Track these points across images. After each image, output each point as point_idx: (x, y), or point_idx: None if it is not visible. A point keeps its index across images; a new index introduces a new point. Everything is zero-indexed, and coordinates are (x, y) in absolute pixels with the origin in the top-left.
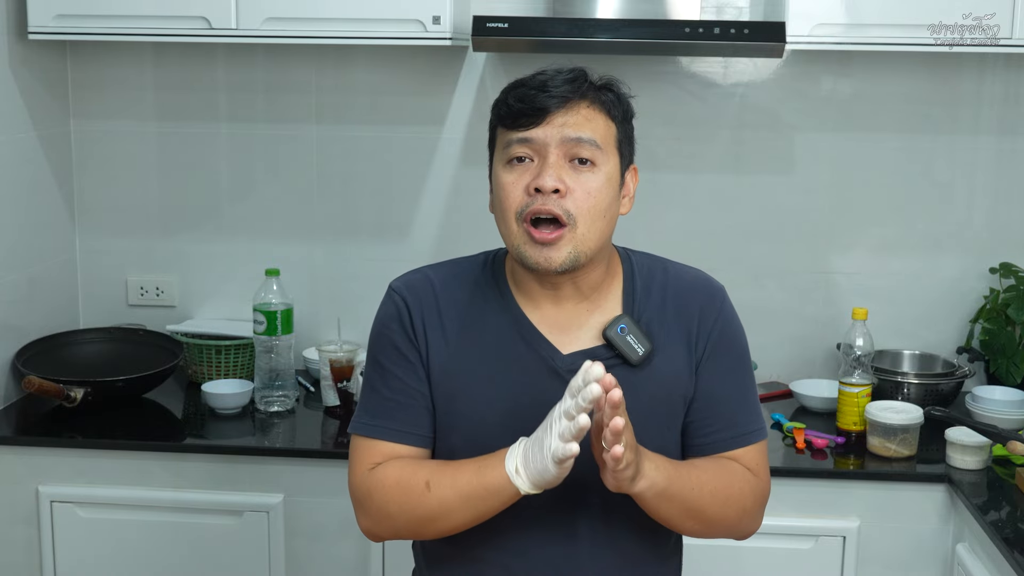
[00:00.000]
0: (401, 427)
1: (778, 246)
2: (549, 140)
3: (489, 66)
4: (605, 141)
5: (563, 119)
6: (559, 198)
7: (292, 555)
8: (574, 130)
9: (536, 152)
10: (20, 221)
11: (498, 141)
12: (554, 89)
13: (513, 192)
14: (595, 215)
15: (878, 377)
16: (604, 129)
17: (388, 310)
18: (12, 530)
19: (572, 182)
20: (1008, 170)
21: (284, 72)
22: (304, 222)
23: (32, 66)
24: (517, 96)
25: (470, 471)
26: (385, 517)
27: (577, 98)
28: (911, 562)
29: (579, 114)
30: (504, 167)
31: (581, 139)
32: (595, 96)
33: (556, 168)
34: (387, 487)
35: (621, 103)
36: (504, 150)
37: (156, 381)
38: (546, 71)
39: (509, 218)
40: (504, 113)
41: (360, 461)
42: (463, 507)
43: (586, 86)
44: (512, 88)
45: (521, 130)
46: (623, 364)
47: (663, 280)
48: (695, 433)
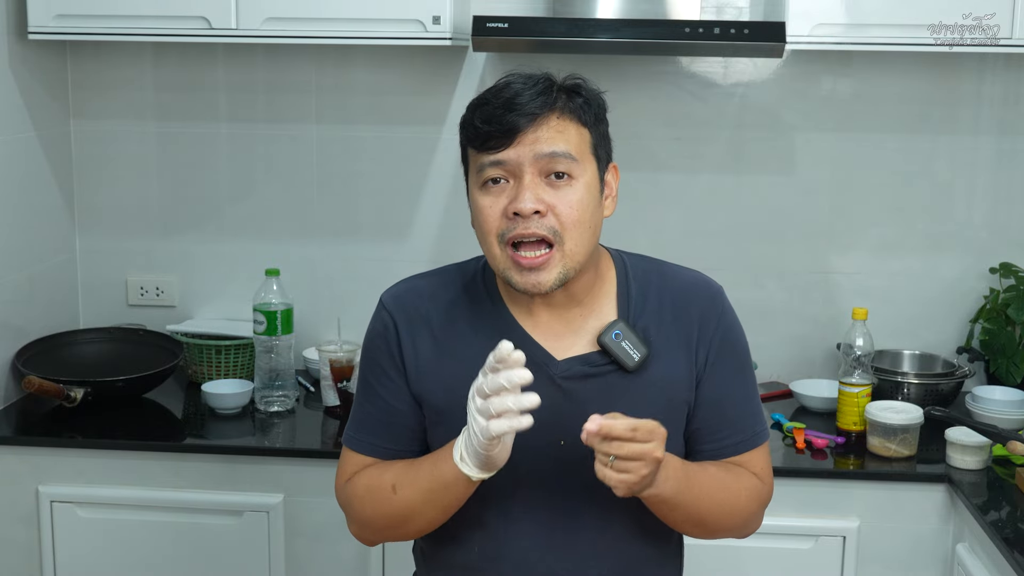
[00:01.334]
0: (383, 443)
1: (778, 246)
2: (522, 160)
3: (489, 66)
4: (580, 150)
5: (534, 135)
6: (540, 218)
7: (292, 555)
8: (547, 145)
9: (510, 173)
10: (20, 221)
11: (471, 162)
12: (521, 106)
13: (491, 216)
14: (580, 228)
15: (878, 377)
16: (577, 138)
17: (375, 326)
18: (12, 530)
19: (552, 199)
20: (1008, 170)
21: (284, 72)
22: (304, 222)
23: (32, 66)
24: (484, 116)
25: (427, 467)
26: (365, 523)
27: (546, 111)
28: (911, 562)
29: (550, 128)
30: (479, 190)
31: (555, 153)
32: (564, 104)
33: (533, 188)
34: (360, 495)
35: (591, 105)
36: (478, 173)
37: (156, 381)
38: (510, 82)
39: (491, 241)
40: (472, 135)
41: (342, 471)
42: (427, 504)
43: (554, 97)
44: (477, 106)
45: (492, 152)
46: (619, 370)
47: (660, 283)
48: (703, 439)
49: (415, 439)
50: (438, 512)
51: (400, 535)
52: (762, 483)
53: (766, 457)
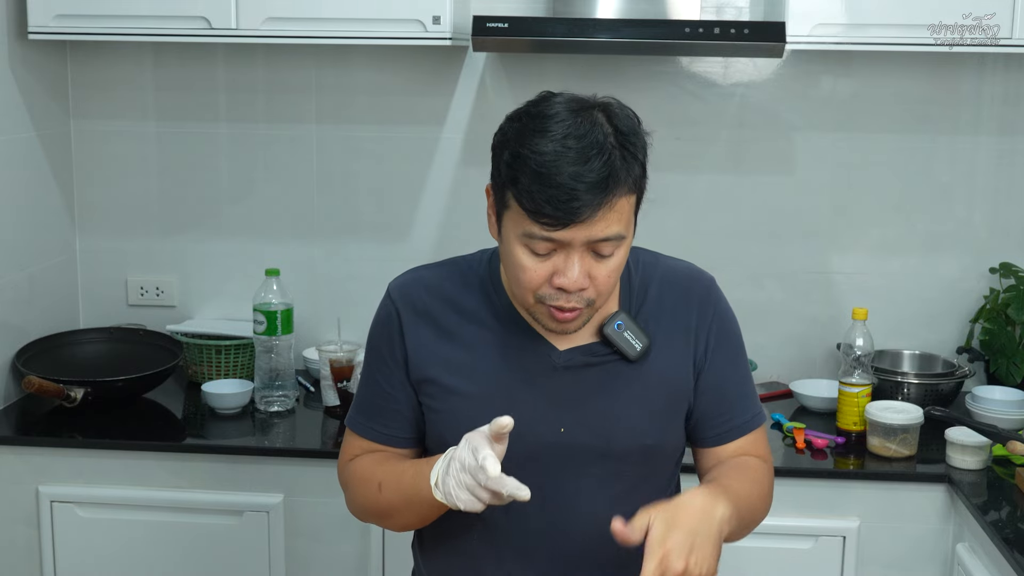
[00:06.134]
0: (382, 429)
1: (778, 246)
2: (575, 242)
3: (489, 66)
4: (628, 223)
5: (591, 220)
6: (581, 292)
7: (292, 555)
8: (601, 230)
9: (559, 245)
10: (20, 221)
11: (512, 209)
12: (585, 196)
13: (534, 278)
14: (613, 286)
15: (878, 377)
16: (628, 210)
17: (380, 315)
18: (12, 530)
19: (595, 271)
20: (1008, 170)
21: (284, 72)
22: (304, 222)
23: (32, 66)
24: (546, 197)
25: (409, 475)
26: (356, 509)
27: (607, 199)
28: (911, 562)
29: (609, 214)
30: (522, 247)
31: (608, 238)
32: (621, 177)
33: (581, 264)
34: (355, 482)
35: (639, 160)
36: (524, 236)
37: (156, 381)
38: (564, 138)
39: (526, 295)
40: (527, 205)
41: (344, 451)
42: (406, 509)
43: (615, 173)
44: (537, 175)
45: (546, 228)
46: (621, 360)
47: (658, 275)
48: (707, 425)
49: (409, 426)
50: (416, 518)
51: (388, 527)
52: (768, 464)
53: (765, 438)
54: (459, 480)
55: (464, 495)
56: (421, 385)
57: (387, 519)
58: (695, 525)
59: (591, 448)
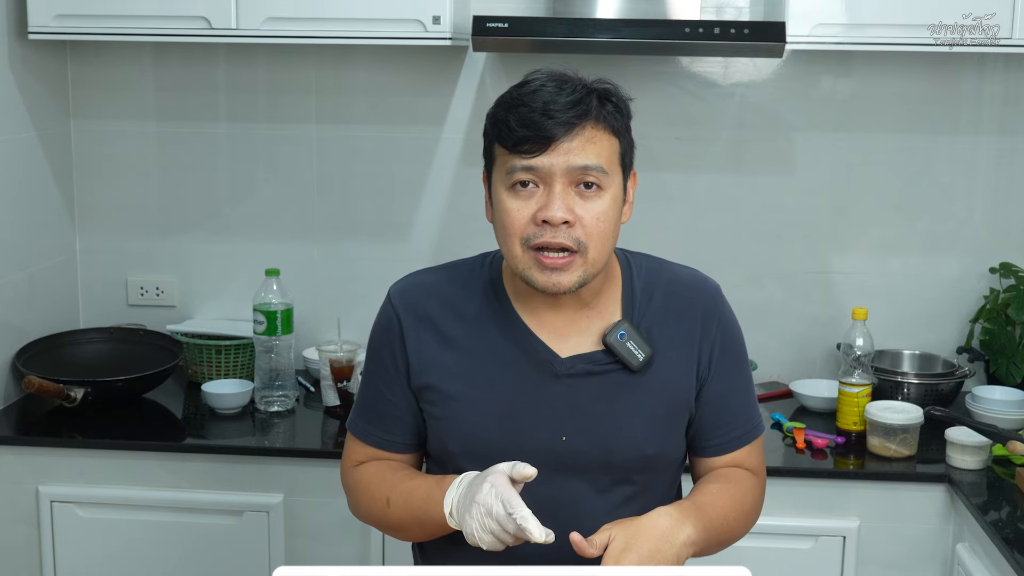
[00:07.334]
0: (383, 434)
1: (778, 246)
2: (555, 168)
3: (489, 66)
4: (610, 162)
5: (568, 144)
6: (567, 228)
7: (292, 555)
8: (581, 157)
9: (541, 178)
10: (20, 221)
11: (497, 160)
12: (559, 115)
13: (518, 219)
14: (603, 238)
15: (878, 377)
16: (608, 149)
17: (381, 320)
18: (12, 530)
19: (580, 209)
20: (1008, 170)
21: (284, 72)
22: (304, 222)
23: (32, 66)
24: (520, 120)
25: (420, 495)
26: (363, 516)
27: (582, 121)
28: (911, 562)
29: (584, 137)
30: (507, 191)
31: (588, 167)
32: (599, 113)
33: (564, 198)
34: (360, 491)
35: (623, 114)
36: (507, 174)
37: (156, 381)
38: (544, 84)
39: (514, 243)
40: (505, 136)
41: (347, 455)
42: (415, 526)
43: (590, 105)
44: (511, 106)
45: (525, 157)
46: (623, 369)
47: (662, 283)
48: (707, 436)
49: (410, 432)
50: (424, 534)
51: (394, 536)
52: (758, 478)
53: (760, 450)
54: (484, 524)
55: (488, 538)
56: (422, 392)
57: (394, 532)
58: (653, 548)
59: (592, 457)
